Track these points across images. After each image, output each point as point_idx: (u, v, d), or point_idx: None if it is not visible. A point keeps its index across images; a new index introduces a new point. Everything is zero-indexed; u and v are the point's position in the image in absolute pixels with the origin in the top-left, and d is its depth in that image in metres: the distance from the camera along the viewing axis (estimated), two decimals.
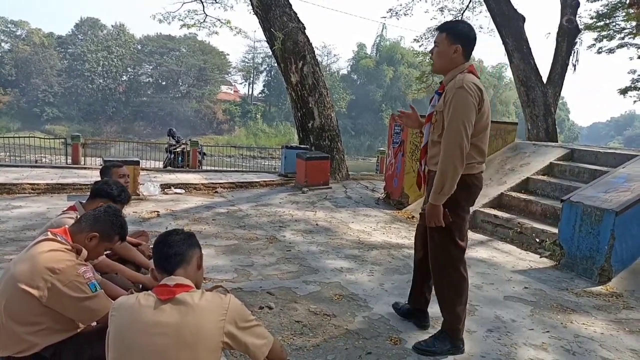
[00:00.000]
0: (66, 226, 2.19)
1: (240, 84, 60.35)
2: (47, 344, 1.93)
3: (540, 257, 5.11)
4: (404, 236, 5.85)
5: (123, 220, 2.26)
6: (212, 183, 8.86)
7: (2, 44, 46.67)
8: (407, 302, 3.33)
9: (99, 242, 2.14)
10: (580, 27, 13.94)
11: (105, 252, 2.47)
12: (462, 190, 2.67)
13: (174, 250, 1.75)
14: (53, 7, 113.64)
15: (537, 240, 5.40)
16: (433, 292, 3.04)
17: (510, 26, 12.52)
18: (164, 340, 1.56)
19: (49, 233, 2.07)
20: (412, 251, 5.13)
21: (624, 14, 15.00)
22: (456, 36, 2.63)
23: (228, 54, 57.03)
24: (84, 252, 2.05)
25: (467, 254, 5.17)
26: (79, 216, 2.54)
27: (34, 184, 7.51)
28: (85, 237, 2.10)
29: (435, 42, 2.73)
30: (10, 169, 9.16)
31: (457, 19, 15.72)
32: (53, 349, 1.95)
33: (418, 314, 3.24)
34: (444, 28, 2.70)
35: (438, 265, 2.86)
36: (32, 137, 14.67)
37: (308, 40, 10.32)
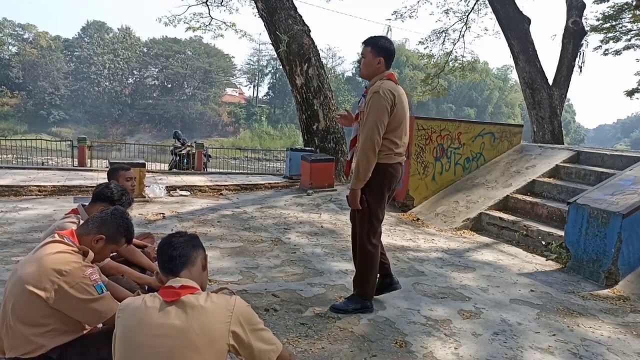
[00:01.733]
0: (73, 228, 2.20)
1: (245, 86, 60.60)
2: (53, 345, 1.94)
3: (547, 260, 5.08)
4: (409, 239, 5.83)
5: (130, 222, 2.26)
6: (217, 185, 8.88)
7: (10, 47, 47.00)
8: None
9: (105, 244, 2.14)
10: (586, 29, 13.87)
11: (111, 254, 2.48)
12: (378, 176, 3.18)
13: (178, 252, 1.75)
14: (60, 11, 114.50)
15: (543, 242, 5.38)
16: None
17: (516, 28, 12.50)
18: (170, 342, 1.56)
19: (56, 235, 2.08)
20: (418, 253, 5.15)
21: (630, 15, 14.93)
22: (379, 50, 3.15)
23: (233, 57, 57.25)
24: (91, 254, 2.06)
25: (473, 256, 5.20)
26: (81, 219, 2.55)
27: (40, 186, 7.56)
28: (92, 239, 2.11)
29: (362, 54, 3.24)
30: (17, 171, 9.23)
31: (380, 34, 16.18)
32: (60, 350, 1.96)
33: (387, 279, 3.60)
34: (368, 43, 3.19)
35: (360, 241, 3.34)
36: (38, 139, 14.79)
37: (313, 43, 10.34)
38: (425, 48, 18.39)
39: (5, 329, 1.93)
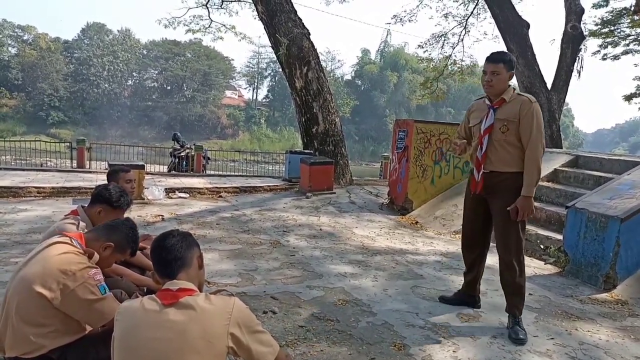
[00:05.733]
0: (75, 230, 2.22)
1: (245, 89, 60.59)
2: (54, 346, 1.95)
3: (545, 264, 5.09)
4: (408, 242, 5.84)
5: (137, 235, 2.33)
6: (217, 187, 8.89)
7: (9, 49, 46.92)
8: (461, 289, 3.75)
9: (112, 252, 2.19)
10: (584, 33, 13.92)
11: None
12: None
13: (173, 255, 1.73)
14: (60, 12, 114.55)
15: (542, 246, 5.39)
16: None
17: (515, 33, 12.54)
18: (169, 344, 1.56)
19: (62, 236, 2.10)
20: (416, 257, 5.15)
21: (628, 20, 14.99)
22: (511, 66, 3.28)
23: (232, 59, 57.22)
24: (96, 256, 2.09)
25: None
26: (80, 220, 2.57)
27: (39, 188, 7.57)
28: (100, 246, 2.15)
29: (494, 71, 3.23)
30: (16, 172, 9.22)
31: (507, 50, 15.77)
32: (60, 351, 1.97)
33: (470, 299, 3.69)
34: (500, 59, 3.25)
35: (511, 254, 3.27)
36: (37, 140, 14.79)
37: (313, 46, 10.36)
38: (424, 52, 18.49)
39: (8, 329, 1.94)
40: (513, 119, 3.19)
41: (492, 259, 5.18)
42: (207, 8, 15.40)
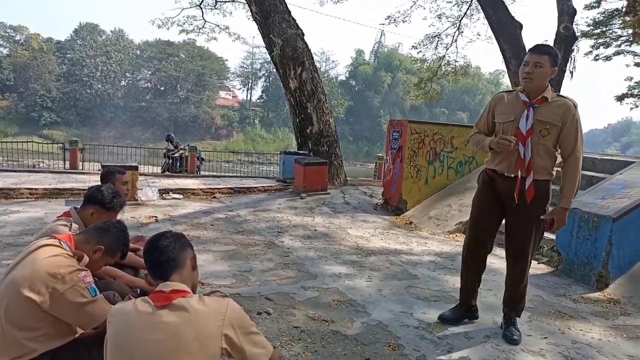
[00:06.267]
0: (67, 232, 2.20)
1: (239, 89, 60.44)
2: (45, 349, 1.93)
3: (538, 264, 5.11)
4: (402, 242, 5.85)
5: (128, 238, 2.31)
6: (211, 188, 8.87)
7: (1, 49, 46.57)
8: (459, 305, 3.41)
9: (102, 255, 2.17)
10: (577, 34, 14.02)
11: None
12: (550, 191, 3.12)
13: (166, 257, 1.72)
14: (52, 13, 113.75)
15: None
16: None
17: (508, 33, 12.61)
18: (162, 346, 1.55)
19: (51, 238, 2.08)
20: (411, 257, 5.15)
21: (620, 21, 15.13)
22: (555, 61, 2.95)
23: (227, 60, 57.13)
24: (85, 258, 2.07)
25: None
26: (73, 222, 2.55)
27: (31, 189, 7.51)
28: (90, 249, 2.13)
29: (537, 62, 2.92)
30: (8, 173, 9.16)
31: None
32: (51, 354, 1.95)
33: (469, 314, 3.41)
34: (545, 51, 2.94)
35: (527, 261, 3.13)
36: (30, 142, 14.68)
37: (307, 47, 10.37)
38: (418, 52, 18.52)
39: None
40: (556, 124, 2.93)
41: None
42: (201, 8, 15.38)
